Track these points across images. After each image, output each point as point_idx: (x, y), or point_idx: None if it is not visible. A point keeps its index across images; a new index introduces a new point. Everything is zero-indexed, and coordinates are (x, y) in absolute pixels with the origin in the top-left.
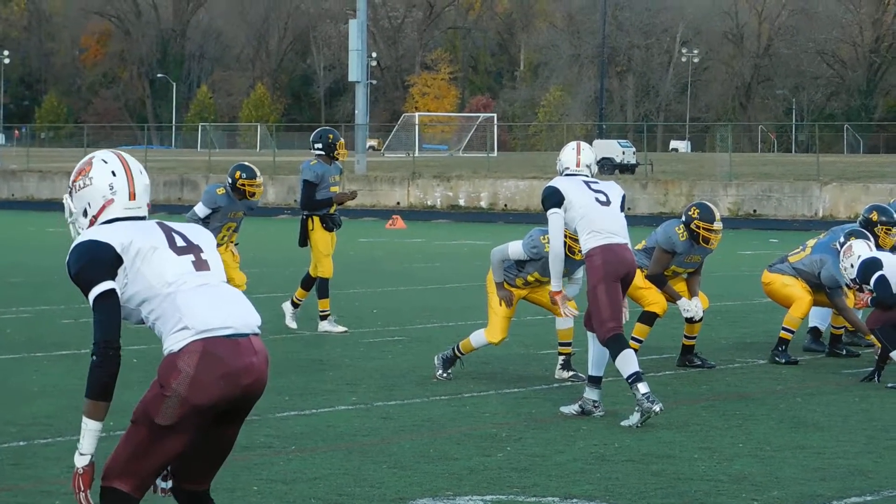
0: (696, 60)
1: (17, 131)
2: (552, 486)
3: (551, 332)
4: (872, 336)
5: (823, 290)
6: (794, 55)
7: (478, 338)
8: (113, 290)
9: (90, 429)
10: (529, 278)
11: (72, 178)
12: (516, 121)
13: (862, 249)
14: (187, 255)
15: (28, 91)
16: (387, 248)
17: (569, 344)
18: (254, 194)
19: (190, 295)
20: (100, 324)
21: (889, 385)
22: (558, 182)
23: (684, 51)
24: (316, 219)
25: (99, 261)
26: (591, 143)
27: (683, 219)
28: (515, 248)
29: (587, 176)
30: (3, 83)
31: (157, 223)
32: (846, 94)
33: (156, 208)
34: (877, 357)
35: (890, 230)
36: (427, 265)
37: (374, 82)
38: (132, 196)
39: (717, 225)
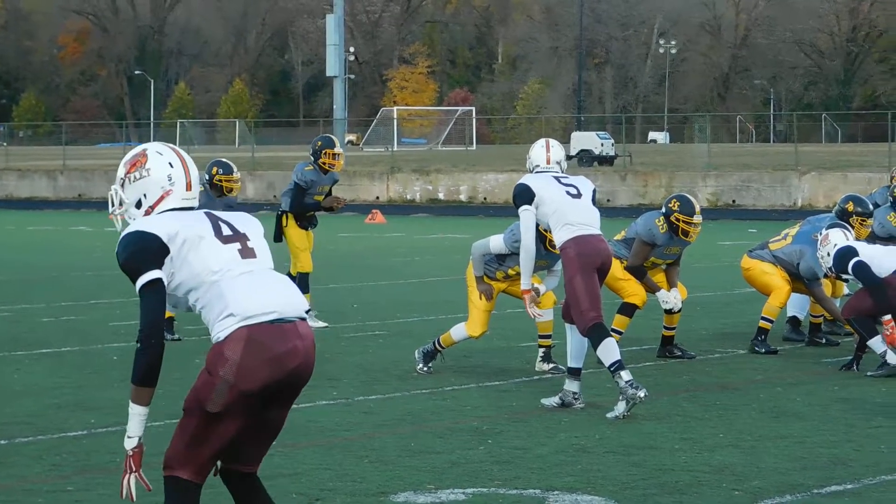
0: (673, 52)
1: None
2: (534, 479)
3: (531, 325)
4: (849, 325)
5: (802, 279)
6: (772, 45)
7: (458, 331)
8: (158, 280)
9: (136, 413)
10: (510, 272)
11: (124, 169)
12: (495, 114)
13: (838, 238)
14: (233, 243)
15: (6, 89)
16: (366, 243)
17: (549, 336)
18: (231, 190)
19: (234, 282)
20: (144, 312)
21: (869, 374)
22: (528, 179)
23: (662, 42)
24: (290, 215)
25: (146, 250)
26: (569, 136)
27: (663, 211)
28: (497, 242)
29: (557, 172)
30: None
31: (205, 212)
32: (824, 84)
33: None
34: (856, 346)
35: (865, 221)
36: (407, 259)
37: (353, 77)
38: (188, 187)
39: (697, 218)
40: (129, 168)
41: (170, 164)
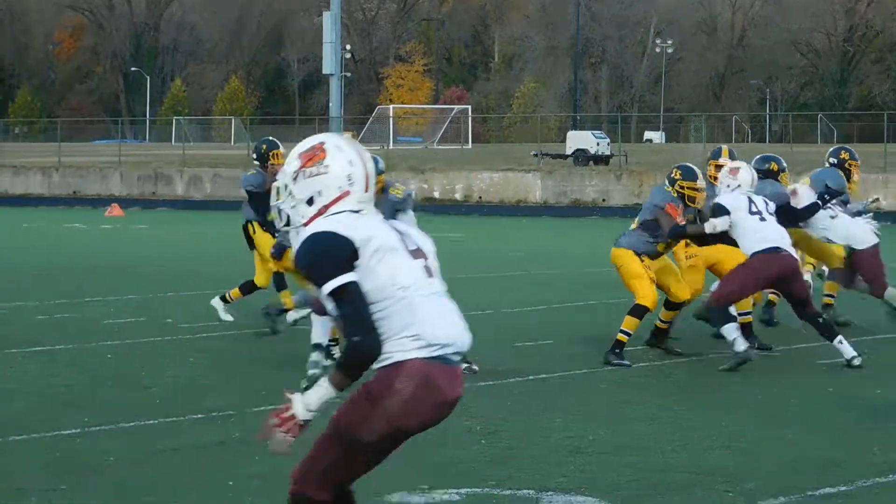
0: (669, 51)
1: None
2: (527, 479)
3: (525, 324)
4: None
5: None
6: (768, 45)
7: None
8: (354, 283)
9: (328, 395)
10: None
11: (298, 162)
12: (491, 113)
13: (745, 179)
14: (420, 259)
15: (1, 86)
16: None
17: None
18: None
19: (425, 302)
20: (349, 314)
21: (720, 368)
22: None
23: (658, 41)
24: (255, 223)
25: (337, 256)
26: (565, 135)
27: (667, 182)
28: None
29: None
30: None
31: (386, 221)
32: (820, 84)
33: (129, 202)
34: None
35: (785, 174)
36: None
37: (349, 75)
38: (367, 188)
39: (700, 183)
40: (304, 161)
41: (350, 162)
